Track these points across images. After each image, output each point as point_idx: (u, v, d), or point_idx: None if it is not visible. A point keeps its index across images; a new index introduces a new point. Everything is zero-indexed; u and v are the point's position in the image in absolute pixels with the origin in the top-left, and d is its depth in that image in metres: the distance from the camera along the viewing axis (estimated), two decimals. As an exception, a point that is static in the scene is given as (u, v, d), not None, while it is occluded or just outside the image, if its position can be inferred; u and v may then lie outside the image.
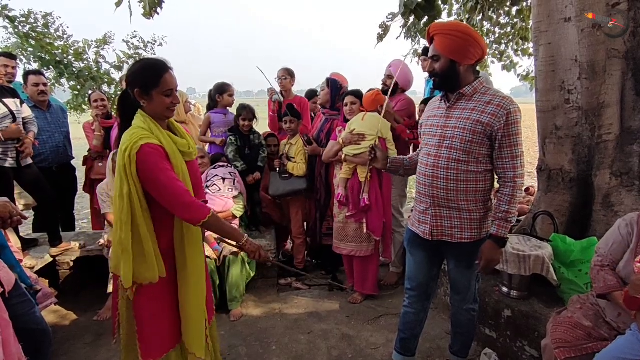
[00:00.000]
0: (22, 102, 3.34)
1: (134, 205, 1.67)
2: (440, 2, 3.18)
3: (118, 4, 3.50)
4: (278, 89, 4.32)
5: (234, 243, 1.88)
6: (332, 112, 3.78)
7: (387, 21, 3.06)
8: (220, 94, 4.15)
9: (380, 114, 3.14)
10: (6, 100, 3.13)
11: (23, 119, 3.31)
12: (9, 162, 3.11)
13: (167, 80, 1.71)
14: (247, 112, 3.77)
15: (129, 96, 1.75)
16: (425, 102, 3.50)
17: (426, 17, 3.26)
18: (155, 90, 1.69)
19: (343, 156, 3.27)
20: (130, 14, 3.53)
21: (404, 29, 3.35)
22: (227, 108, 4.23)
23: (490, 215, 2.03)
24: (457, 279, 2.17)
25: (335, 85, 3.73)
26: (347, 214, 3.31)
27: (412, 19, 3.30)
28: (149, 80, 1.69)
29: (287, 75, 4.28)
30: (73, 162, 4.29)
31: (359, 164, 3.22)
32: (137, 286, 1.75)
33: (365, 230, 3.27)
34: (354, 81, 4.77)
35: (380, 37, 3.14)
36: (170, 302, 1.86)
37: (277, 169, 3.84)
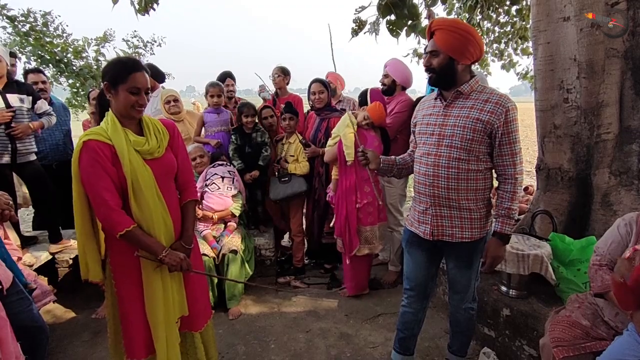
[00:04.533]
0: (36, 99, 3.32)
1: (79, 202, 1.73)
2: (415, 2, 3.15)
3: (115, 1, 3.49)
4: (273, 88, 4.34)
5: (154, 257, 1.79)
6: (326, 112, 3.81)
7: (356, 14, 3.07)
8: (205, 95, 4.16)
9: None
10: (11, 96, 3.11)
11: (39, 114, 3.30)
12: (5, 159, 3.10)
13: (136, 78, 1.70)
14: (247, 108, 3.75)
15: (105, 94, 1.77)
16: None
17: (396, 17, 3.23)
18: (122, 85, 1.69)
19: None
20: (136, 12, 3.52)
21: (372, 25, 3.33)
22: (222, 107, 4.21)
23: (490, 214, 2.04)
24: (457, 279, 2.16)
25: (329, 85, 3.86)
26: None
27: (375, 16, 3.29)
28: (118, 75, 1.69)
29: (280, 73, 4.29)
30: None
31: (326, 160, 3.45)
32: (118, 284, 1.81)
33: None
34: (353, 81, 4.78)
35: (355, 32, 3.14)
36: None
37: (276, 174, 3.84)
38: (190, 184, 2.03)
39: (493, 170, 2.02)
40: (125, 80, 1.68)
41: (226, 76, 4.38)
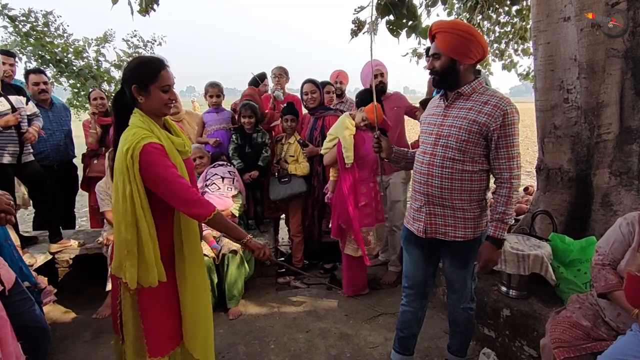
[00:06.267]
0: (28, 100, 3.36)
1: (136, 206, 1.67)
2: (415, 2, 3.15)
3: (114, 1, 3.49)
4: (275, 87, 4.36)
5: (237, 241, 1.87)
6: (320, 110, 3.85)
7: (355, 14, 3.06)
8: (205, 95, 4.16)
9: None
10: (11, 97, 3.15)
11: (28, 116, 3.33)
12: (7, 159, 3.12)
13: (165, 76, 1.71)
14: (245, 109, 3.75)
15: (124, 95, 1.75)
16: (422, 102, 3.50)
17: (394, 17, 3.23)
18: (154, 85, 1.69)
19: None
20: (132, 12, 3.53)
21: (370, 26, 3.34)
22: (221, 106, 4.23)
23: (484, 214, 2.04)
24: (453, 278, 2.17)
25: (321, 85, 3.88)
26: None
27: (375, 16, 3.29)
28: (147, 75, 1.69)
29: (283, 74, 4.31)
30: (74, 160, 4.29)
31: (326, 164, 3.39)
32: (139, 287, 1.76)
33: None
34: (353, 81, 4.79)
35: (354, 33, 3.15)
36: (174, 300, 1.86)
37: (276, 174, 3.84)
38: (194, 184, 2.07)
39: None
40: (156, 79, 1.69)
41: (264, 77, 4.42)
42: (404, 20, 3.19)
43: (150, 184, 1.66)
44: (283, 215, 4.39)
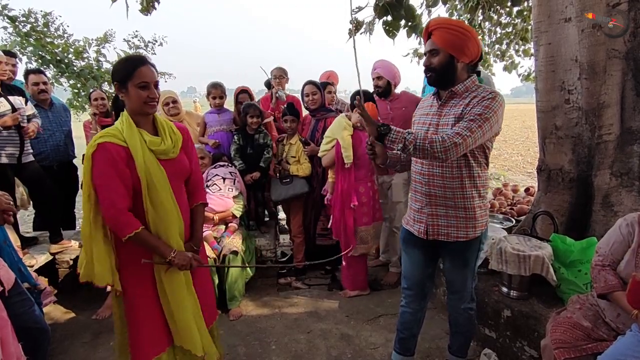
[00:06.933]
0: (27, 101, 3.36)
1: (90, 204, 1.70)
2: (414, 3, 3.17)
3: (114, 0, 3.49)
4: (276, 88, 4.36)
5: (164, 261, 1.80)
6: (322, 112, 3.85)
7: (354, 13, 3.06)
8: (207, 96, 4.18)
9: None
10: (11, 98, 3.15)
11: (27, 116, 3.33)
12: (6, 159, 3.11)
13: (143, 73, 1.70)
14: (253, 109, 3.75)
15: (119, 97, 1.79)
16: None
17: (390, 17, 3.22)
18: (130, 82, 1.69)
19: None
20: (127, 8, 3.52)
21: (367, 25, 3.34)
22: (224, 106, 4.24)
23: (485, 214, 2.04)
24: (453, 278, 2.17)
25: (322, 86, 3.88)
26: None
27: (372, 17, 3.29)
28: (125, 72, 1.70)
29: (283, 74, 4.32)
30: (74, 160, 4.29)
31: (325, 165, 3.46)
32: (125, 286, 1.79)
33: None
34: (354, 82, 4.79)
35: (351, 32, 3.16)
36: (159, 306, 1.85)
37: (277, 175, 3.84)
38: (200, 186, 2.05)
39: (488, 170, 2.02)
40: (132, 77, 1.69)
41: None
42: (402, 21, 3.20)
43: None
44: (284, 216, 4.40)
